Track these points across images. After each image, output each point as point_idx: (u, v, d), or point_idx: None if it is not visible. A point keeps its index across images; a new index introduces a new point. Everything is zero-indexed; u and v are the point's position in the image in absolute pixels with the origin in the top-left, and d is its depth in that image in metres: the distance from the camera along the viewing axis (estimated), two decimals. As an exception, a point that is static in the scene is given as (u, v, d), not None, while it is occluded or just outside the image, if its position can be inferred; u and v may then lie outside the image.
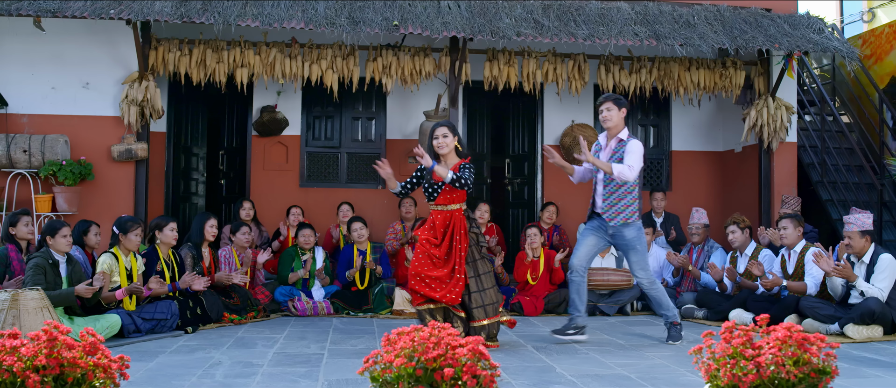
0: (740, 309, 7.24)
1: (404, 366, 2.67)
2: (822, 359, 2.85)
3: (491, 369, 2.78)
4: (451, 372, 2.64)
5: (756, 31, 8.78)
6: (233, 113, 10.72)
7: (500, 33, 8.28)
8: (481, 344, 2.79)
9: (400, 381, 2.68)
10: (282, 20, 8.06)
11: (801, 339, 2.81)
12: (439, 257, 5.86)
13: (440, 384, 2.65)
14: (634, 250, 6.21)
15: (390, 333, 2.89)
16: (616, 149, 6.16)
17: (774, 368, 2.74)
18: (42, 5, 7.82)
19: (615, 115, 6.17)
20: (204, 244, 7.51)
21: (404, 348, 2.71)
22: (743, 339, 2.87)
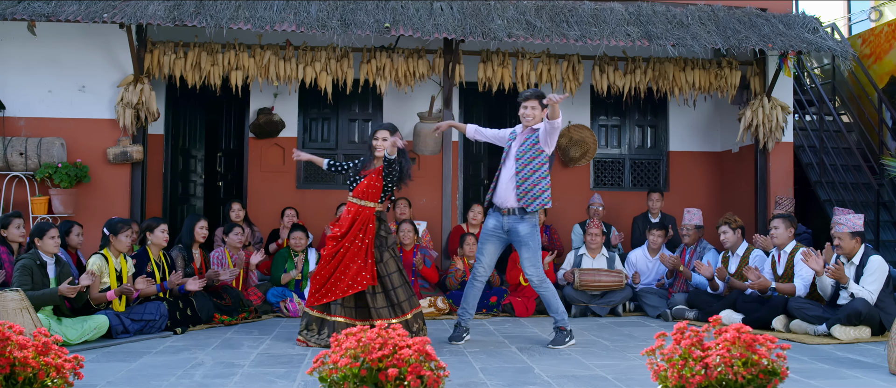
0: (730, 310, 7.21)
1: (349, 366, 2.69)
2: (772, 360, 2.84)
3: (438, 369, 2.79)
4: (396, 372, 2.66)
5: (750, 31, 8.75)
6: (230, 115, 10.77)
7: (492, 35, 8.29)
8: (428, 344, 2.80)
9: (345, 381, 2.69)
10: (273, 23, 8.10)
11: (750, 340, 2.80)
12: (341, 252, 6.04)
13: (385, 384, 2.67)
14: (527, 246, 6.14)
15: (339, 333, 2.91)
16: (528, 136, 6.11)
17: (722, 369, 2.74)
18: (36, 9, 7.90)
19: (538, 114, 6.10)
20: (195, 246, 7.56)
21: (350, 348, 2.72)
22: (693, 340, 2.87)
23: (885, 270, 6.46)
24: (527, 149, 6.04)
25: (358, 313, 6.06)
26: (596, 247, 8.32)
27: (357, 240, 6.03)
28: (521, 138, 6.12)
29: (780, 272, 7.13)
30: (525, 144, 6.06)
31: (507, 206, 6.09)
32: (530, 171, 6.03)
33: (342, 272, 6.02)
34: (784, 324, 6.77)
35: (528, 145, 6.05)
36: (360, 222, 6.06)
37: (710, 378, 2.74)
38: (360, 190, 6.09)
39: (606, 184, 10.59)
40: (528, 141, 6.06)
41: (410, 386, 2.65)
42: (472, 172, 10.83)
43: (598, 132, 10.61)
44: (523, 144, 6.06)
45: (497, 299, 8.09)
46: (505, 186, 6.09)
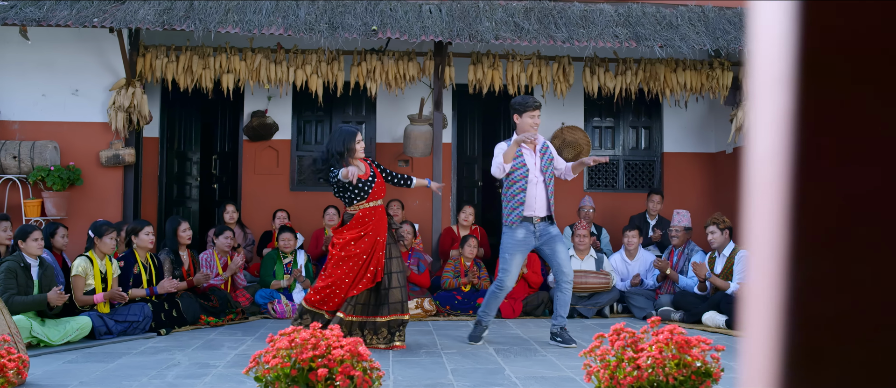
0: (714, 311, 7.21)
1: (280, 366, 2.72)
2: (705, 362, 2.85)
3: (371, 370, 2.82)
4: (325, 372, 2.69)
5: (739, 32, 8.72)
6: (225, 118, 10.85)
7: (479, 37, 8.31)
8: (361, 345, 2.83)
9: (277, 381, 2.73)
10: (262, 26, 8.16)
11: (683, 342, 2.81)
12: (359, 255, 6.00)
13: (315, 383, 2.70)
14: (563, 242, 6.42)
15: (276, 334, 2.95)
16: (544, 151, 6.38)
17: (652, 370, 2.75)
18: (28, 14, 8.00)
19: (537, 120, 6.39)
20: (181, 248, 7.63)
21: (281, 348, 2.76)
22: (627, 341, 2.88)
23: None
24: (547, 164, 6.34)
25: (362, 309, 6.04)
26: (584, 249, 8.32)
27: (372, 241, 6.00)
28: (539, 152, 6.36)
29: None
30: (544, 160, 6.34)
31: (541, 215, 6.29)
32: (550, 182, 6.35)
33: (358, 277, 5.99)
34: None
35: (548, 160, 6.35)
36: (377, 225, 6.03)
37: (640, 379, 2.75)
38: (375, 193, 6.07)
39: (600, 185, 10.58)
40: (545, 156, 6.36)
41: (340, 386, 2.68)
42: (466, 175, 10.85)
43: (592, 134, 10.60)
44: (543, 159, 6.34)
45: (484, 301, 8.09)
46: (537, 198, 6.26)
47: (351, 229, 6.03)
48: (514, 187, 6.26)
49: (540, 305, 8.14)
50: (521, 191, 6.25)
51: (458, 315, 8.03)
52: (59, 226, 7.13)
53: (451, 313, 8.06)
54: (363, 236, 5.99)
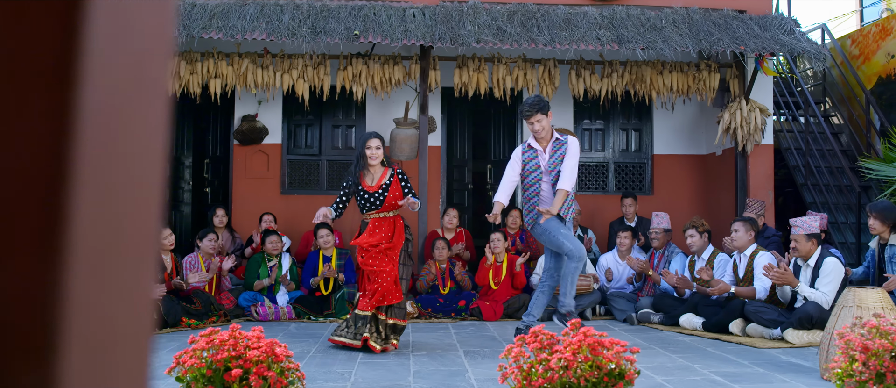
0: (691, 314, 7.21)
1: (197, 366, 2.77)
2: (619, 363, 2.87)
3: (288, 371, 2.86)
4: (239, 373, 2.74)
5: (723, 34, 8.71)
6: (216, 122, 10.95)
7: (460, 40, 8.35)
8: (278, 346, 2.88)
9: (194, 381, 2.78)
10: (245, 32, 8.25)
11: (594, 343, 2.84)
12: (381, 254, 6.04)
13: (231, 384, 2.75)
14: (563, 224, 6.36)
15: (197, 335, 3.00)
16: (557, 148, 6.27)
17: (563, 372, 2.77)
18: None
19: (546, 123, 6.23)
20: (164, 252, 7.70)
21: (198, 349, 2.81)
22: (543, 343, 2.91)
23: (841, 271, 6.41)
24: (557, 161, 6.24)
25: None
26: (568, 252, 8.31)
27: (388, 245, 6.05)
28: (550, 152, 6.27)
29: (741, 276, 7.10)
30: (555, 157, 6.25)
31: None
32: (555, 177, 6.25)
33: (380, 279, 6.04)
34: (741, 327, 6.74)
35: (559, 158, 6.24)
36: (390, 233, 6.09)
37: (551, 381, 2.77)
38: (388, 204, 6.08)
39: (590, 188, 10.58)
40: (557, 154, 6.25)
41: (253, 386, 2.73)
42: (457, 177, 10.89)
43: (582, 136, 10.61)
44: (554, 157, 6.25)
45: (465, 302, 8.13)
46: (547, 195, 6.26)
47: (368, 235, 6.07)
48: (530, 191, 6.33)
49: (522, 307, 8.13)
50: (536, 195, 6.31)
51: (440, 317, 8.07)
52: None
53: (432, 315, 8.10)
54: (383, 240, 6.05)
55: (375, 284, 6.00)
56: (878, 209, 6.82)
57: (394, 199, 6.05)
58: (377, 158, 6.10)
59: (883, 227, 6.75)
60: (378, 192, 6.04)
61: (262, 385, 2.73)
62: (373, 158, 6.09)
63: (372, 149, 6.10)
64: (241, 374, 2.74)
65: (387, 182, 6.05)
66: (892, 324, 3.11)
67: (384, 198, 6.04)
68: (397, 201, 6.07)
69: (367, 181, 6.07)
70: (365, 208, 6.08)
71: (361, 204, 6.10)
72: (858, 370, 3.03)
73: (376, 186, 6.06)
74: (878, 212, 6.78)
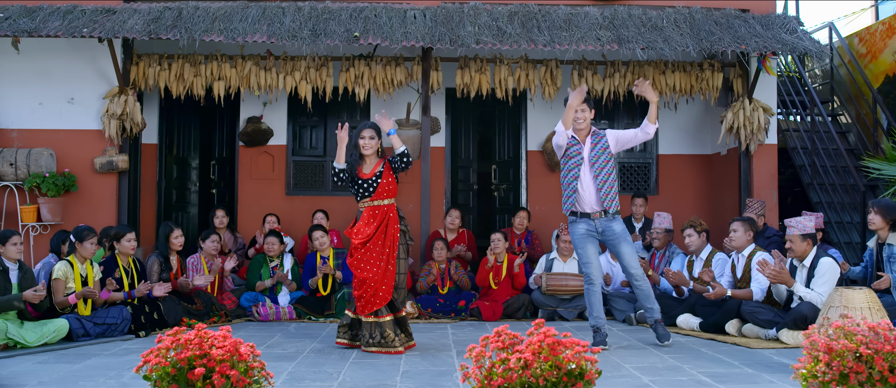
0: (689, 314, 7.20)
1: (161, 365, 2.83)
2: (579, 363, 2.89)
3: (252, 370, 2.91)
4: (202, 371, 2.79)
5: (725, 33, 8.68)
6: (222, 124, 11.05)
7: (460, 41, 8.38)
8: (243, 345, 2.92)
9: (159, 379, 2.84)
10: (246, 34, 8.32)
11: (553, 343, 2.86)
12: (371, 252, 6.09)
13: (195, 382, 2.80)
14: (627, 242, 6.32)
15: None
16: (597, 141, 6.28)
17: (521, 371, 2.80)
18: (21, 25, 8.25)
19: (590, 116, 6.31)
20: (172, 253, 7.80)
21: (163, 348, 2.87)
22: (505, 343, 2.94)
23: (836, 271, 6.38)
24: (599, 153, 6.22)
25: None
26: (567, 252, 8.33)
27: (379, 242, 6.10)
28: (591, 144, 6.25)
29: (739, 276, 7.07)
30: (597, 149, 6.23)
31: (596, 210, 6.22)
32: (606, 174, 6.23)
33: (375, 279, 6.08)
34: (737, 328, 6.72)
35: (600, 150, 6.24)
36: (383, 222, 6.13)
37: (510, 381, 2.80)
38: (381, 192, 6.14)
39: (595, 188, 10.55)
40: (599, 146, 6.24)
41: (216, 385, 2.78)
42: (462, 178, 10.91)
43: (587, 136, 10.58)
44: (595, 150, 6.23)
45: (465, 303, 8.16)
46: (588, 192, 6.20)
47: (364, 225, 6.13)
48: (568, 177, 6.26)
49: (521, 307, 8.17)
50: (575, 179, 6.22)
51: (440, 318, 8.10)
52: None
53: (432, 315, 8.13)
54: (378, 230, 6.10)
55: (360, 291, 6.07)
56: (880, 205, 6.77)
57: (387, 185, 6.15)
58: (371, 148, 6.17)
59: (883, 223, 6.71)
60: (371, 179, 6.13)
61: (225, 384, 2.78)
62: (366, 148, 6.16)
63: (365, 139, 6.18)
64: (205, 372, 2.79)
65: (380, 170, 6.14)
66: (859, 325, 3.10)
67: (377, 185, 6.12)
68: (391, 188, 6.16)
69: (364, 170, 6.16)
70: (359, 195, 6.17)
71: (356, 192, 6.19)
72: (822, 371, 3.03)
73: (371, 173, 6.14)
74: (880, 208, 6.74)
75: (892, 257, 6.62)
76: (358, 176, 6.16)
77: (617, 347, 6.40)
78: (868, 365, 2.98)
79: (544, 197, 10.20)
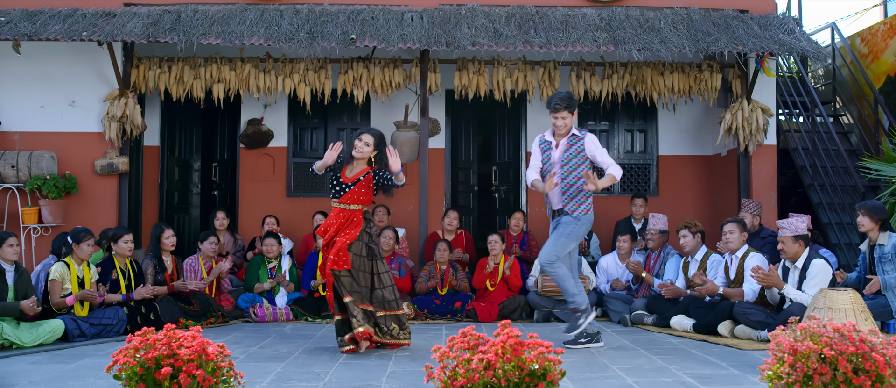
0: (682, 315, 7.19)
1: (129, 365, 2.87)
2: (541, 364, 2.91)
3: (219, 370, 2.94)
4: (169, 371, 2.83)
5: (722, 34, 8.66)
6: (224, 126, 11.12)
7: (456, 43, 8.40)
8: (210, 345, 2.96)
9: (128, 379, 2.88)
10: (243, 37, 8.38)
11: (516, 344, 2.88)
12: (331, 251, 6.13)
13: (162, 382, 2.84)
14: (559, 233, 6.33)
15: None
16: (572, 143, 6.28)
17: (483, 372, 2.82)
18: (21, 29, 8.34)
19: (570, 121, 6.30)
20: (165, 254, 7.86)
21: (131, 347, 2.91)
22: (469, 343, 2.96)
23: (828, 273, 6.36)
24: (572, 156, 6.25)
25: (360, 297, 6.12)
26: (563, 253, 8.32)
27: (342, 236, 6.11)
28: (564, 146, 6.28)
29: (732, 277, 7.07)
30: (570, 152, 6.26)
31: (556, 208, 6.36)
32: (575, 177, 6.24)
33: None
34: (729, 329, 6.71)
35: (573, 153, 6.26)
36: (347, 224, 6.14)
37: (473, 381, 2.82)
38: (348, 198, 6.16)
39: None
40: (573, 149, 6.26)
41: (182, 384, 2.81)
42: (462, 179, 10.93)
43: (587, 138, 10.58)
44: (568, 152, 6.26)
45: (461, 304, 8.18)
46: (553, 192, 6.30)
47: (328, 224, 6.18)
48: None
49: (517, 308, 8.19)
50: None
51: (436, 319, 8.12)
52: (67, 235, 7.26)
53: (428, 316, 8.16)
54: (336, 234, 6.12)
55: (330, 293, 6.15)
56: (867, 207, 6.76)
57: (359, 193, 6.12)
58: (363, 155, 6.18)
59: (872, 225, 6.69)
60: (347, 183, 6.15)
61: (191, 383, 2.82)
62: (357, 151, 6.18)
63: (361, 144, 6.19)
64: (172, 372, 2.83)
65: (361, 178, 6.14)
66: (824, 327, 3.10)
67: (348, 190, 6.12)
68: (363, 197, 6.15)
69: (347, 172, 6.19)
70: (332, 193, 6.21)
71: (331, 189, 6.23)
72: (786, 372, 3.03)
73: (352, 178, 6.16)
74: (866, 209, 6.72)
75: (883, 258, 6.61)
76: (339, 176, 6.18)
77: (608, 348, 6.41)
78: (832, 367, 2.98)
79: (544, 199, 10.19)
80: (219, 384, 2.92)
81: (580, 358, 5.90)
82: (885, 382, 2.94)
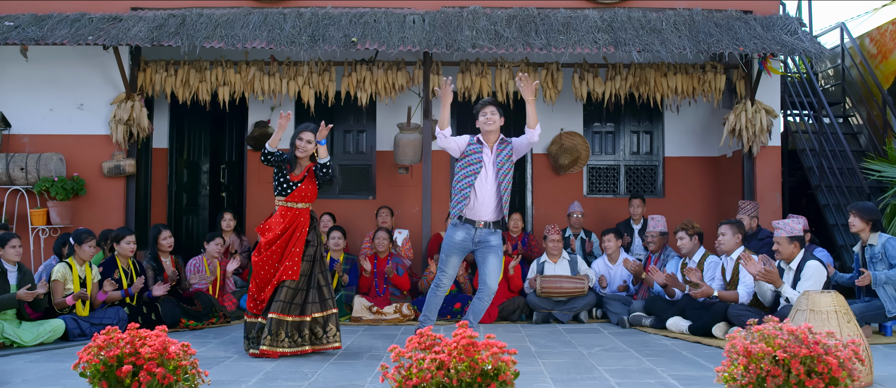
0: (678, 317, 7.18)
1: (92, 362, 2.94)
2: (494, 364, 2.95)
3: (180, 369, 3.01)
4: (129, 369, 2.90)
5: (724, 35, 8.63)
6: (232, 128, 11.24)
7: (456, 46, 8.44)
8: (172, 344, 3.03)
9: (91, 377, 2.96)
10: (246, 40, 8.48)
11: (468, 344, 2.92)
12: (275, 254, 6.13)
13: (123, 379, 2.91)
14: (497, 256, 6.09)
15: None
16: (502, 148, 6.05)
17: (435, 372, 2.86)
18: (29, 34, 8.50)
19: (499, 122, 6.07)
20: (164, 254, 7.96)
21: (94, 346, 2.98)
22: (425, 344, 3.00)
23: (823, 274, 6.32)
24: (505, 161, 5.98)
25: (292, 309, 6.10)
26: (556, 253, 8.34)
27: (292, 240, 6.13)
28: (497, 151, 6.00)
29: (728, 279, 7.05)
30: (502, 156, 5.98)
31: (485, 220, 6.00)
32: (507, 183, 6.00)
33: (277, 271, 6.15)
34: (724, 331, 6.69)
35: (505, 158, 5.98)
36: (294, 225, 6.15)
37: (425, 381, 2.87)
38: (296, 196, 6.18)
39: (601, 191, 10.57)
40: (504, 153, 5.99)
41: (142, 382, 2.89)
42: (467, 181, 10.94)
43: (592, 139, 10.60)
44: (500, 156, 5.98)
45: (461, 305, 8.21)
46: (486, 200, 5.96)
47: (271, 227, 6.14)
48: (463, 183, 5.94)
49: (516, 310, 8.21)
50: (468, 186, 5.94)
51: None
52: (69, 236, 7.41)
53: (428, 317, 8.19)
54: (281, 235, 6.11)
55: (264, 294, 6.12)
56: (858, 208, 6.72)
57: (305, 191, 6.15)
58: (305, 152, 6.19)
59: (863, 225, 6.65)
60: (295, 181, 6.15)
61: (151, 381, 2.89)
62: (300, 150, 6.19)
63: (303, 141, 6.17)
64: (132, 370, 2.90)
65: (305, 175, 6.18)
66: (779, 329, 3.11)
67: (295, 187, 6.13)
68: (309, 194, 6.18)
69: (294, 171, 6.20)
70: (278, 191, 6.18)
71: (277, 186, 6.18)
72: (740, 374, 3.04)
73: (298, 176, 6.19)
74: (857, 210, 6.69)
75: (874, 258, 6.57)
76: (286, 174, 6.17)
77: (600, 349, 6.41)
78: (785, 369, 2.99)
79: (549, 199, 10.23)
80: (180, 381, 2.99)
81: (568, 359, 5.92)
82: (839, 384, 2.94)
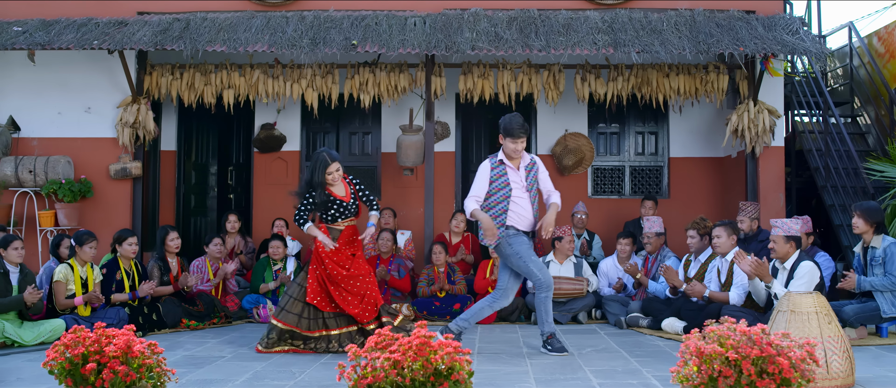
0: (674, 318, 7.18)
1: (58, 360, 3.03)
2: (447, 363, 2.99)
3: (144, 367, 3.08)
4: (93, 367, 2.98)
5: (725, 35, 8.60)
6: (239, 131, 11.37)
7: (456, 48, 8.49)
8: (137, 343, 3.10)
9: (58, 373, 3.04)
10: (248, 44, 8.57)
11: (422, 343, 2.97)
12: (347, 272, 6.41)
13: (88, 377, 2.99)
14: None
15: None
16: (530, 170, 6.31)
17: (389, 370, 2.91)
18: (36, 38, 8.66)
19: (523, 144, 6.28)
20: (170, 255, 8.08)
21: (60, 345, 3.07)
22: (382, 344, 3.05)
23: (815, 275, 6.30)
24: (534, 182, 6.32)
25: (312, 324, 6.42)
26: (566, 254, 8.35)
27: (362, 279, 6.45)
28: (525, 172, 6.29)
29: (723, 280, 7.03)
30: (530, 178, 6.31)
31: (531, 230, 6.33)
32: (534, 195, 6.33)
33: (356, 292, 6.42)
34: (718, 332, 6.67)
35: (533, 179, 6.33)
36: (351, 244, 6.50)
37: (379, 379, 2.92)
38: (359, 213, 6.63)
39: (606, 191, 10.57)
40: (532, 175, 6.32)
41: (105, 380, 2.96)
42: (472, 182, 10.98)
43: (597, 140, 10.61)
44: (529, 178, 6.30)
45: (460, 306, 8.25)
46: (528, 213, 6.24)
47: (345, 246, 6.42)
48: (497, 208, 6.20)
49: (515, 310, 8.23)
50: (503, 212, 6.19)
51: (435, 320, 8.19)
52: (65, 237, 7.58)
53: (427, 318, 8.24)
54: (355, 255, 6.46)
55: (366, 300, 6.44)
56: (862, 208, 6.67)
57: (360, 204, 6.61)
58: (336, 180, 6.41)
59: (866, 226, 6.61)
60: (350, 202, 6.47)
61: (114, 379, 2.97)
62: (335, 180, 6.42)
63: (334, 174, 6.38)
64: (96, 368, 2.98)
65: (352, 191, 6.48)
66: (733, 330, 3.12)
67: (358, 206, 6.54)
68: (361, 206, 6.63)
69: (337, 192, 6.37)
70: (333, 217, 6.45)
71: (337, 214, 6.42)
72: (692, 374, 3.06)
73: (347, 196, 6.43)
74: (861, 211, 6.64)
75: (874, 260, 6.53)
76: (335, 198, 6.37)
77: (592, 350, 6.43)
78: (737, 369, 3.00)
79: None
80: (143, 379, 3.07)
81: (555, 360, 5.95)
82: (791, 385, 2.95)
